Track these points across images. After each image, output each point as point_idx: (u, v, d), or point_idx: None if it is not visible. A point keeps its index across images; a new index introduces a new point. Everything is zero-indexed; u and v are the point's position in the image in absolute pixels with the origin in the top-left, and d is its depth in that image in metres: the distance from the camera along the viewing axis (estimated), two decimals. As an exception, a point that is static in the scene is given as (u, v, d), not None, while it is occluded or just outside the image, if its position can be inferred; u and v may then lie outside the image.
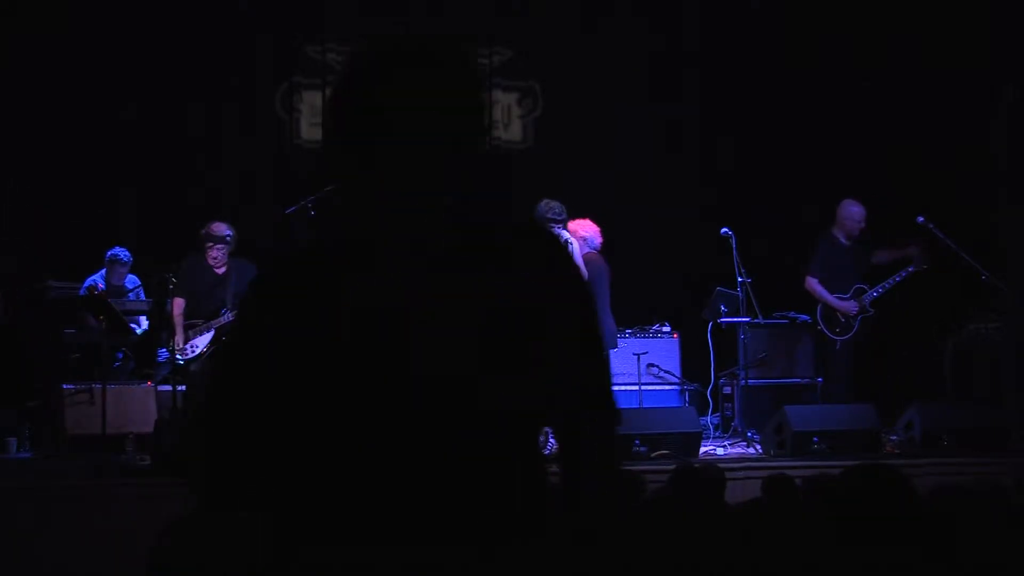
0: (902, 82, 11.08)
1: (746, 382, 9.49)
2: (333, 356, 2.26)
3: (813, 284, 9.40)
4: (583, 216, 9.29)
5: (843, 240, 9.48)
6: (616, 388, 9.40)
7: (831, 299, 9.35)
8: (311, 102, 11.66)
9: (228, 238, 8.66)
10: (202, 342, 8.53)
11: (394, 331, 2.26)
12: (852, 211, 9.42)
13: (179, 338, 8.62)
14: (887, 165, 11.08)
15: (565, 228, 8.73)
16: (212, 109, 11.09)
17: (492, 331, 2.27)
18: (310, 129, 11.67)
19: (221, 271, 8.72)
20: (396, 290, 2.27)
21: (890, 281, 9.36)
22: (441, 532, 2.24)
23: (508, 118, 11.91)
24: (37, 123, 10.76)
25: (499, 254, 2.33)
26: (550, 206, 8.74)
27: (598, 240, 9.10)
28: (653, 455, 8.01)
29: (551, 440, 8.30)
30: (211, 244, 8.63)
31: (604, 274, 9.02)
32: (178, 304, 8.65)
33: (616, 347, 9.69)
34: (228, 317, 8.53)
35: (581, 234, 8.85)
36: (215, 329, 8.56)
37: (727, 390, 10.19)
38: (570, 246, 8.41)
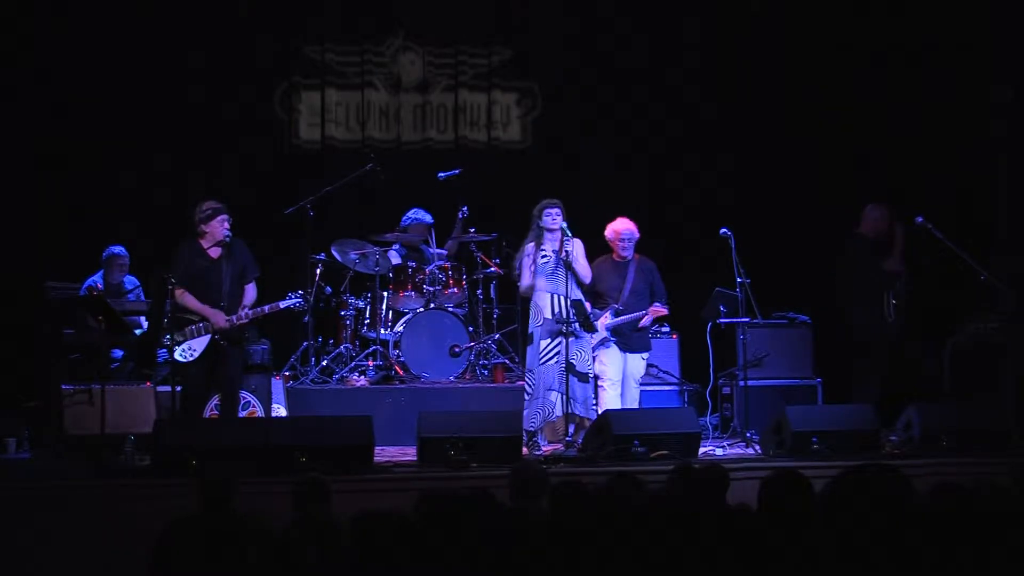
0: (902, 82, 11.08)
1: (745, 382, 9.48)
2: None
3: None
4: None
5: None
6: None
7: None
8: (310, 102, 11.64)
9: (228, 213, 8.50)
10: (199, 345, 8.38)
11: None
12: (876, 214, 9.60)
13: (212, 314, 8.31)
14: (887, 165, 11.07)
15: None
16: (211, 109, 11.07)
17: None
18: (309, 129, 11.65)
19: (216, 253, 8.48)
20: None
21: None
22: None
23: (508, 118, 11.88)
24: (36, 123, 10.76)
25: None
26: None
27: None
28: (653, 455, 8.01)
29: (544, 440, 8.25)
30: (222, 217, 8.38)
31: None
32: (184, 294, 8.30)
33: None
34: (225, 323, 8.39)
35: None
36: (211, 335, 8.36)
37: (726, 390, 10.18)
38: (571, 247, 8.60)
